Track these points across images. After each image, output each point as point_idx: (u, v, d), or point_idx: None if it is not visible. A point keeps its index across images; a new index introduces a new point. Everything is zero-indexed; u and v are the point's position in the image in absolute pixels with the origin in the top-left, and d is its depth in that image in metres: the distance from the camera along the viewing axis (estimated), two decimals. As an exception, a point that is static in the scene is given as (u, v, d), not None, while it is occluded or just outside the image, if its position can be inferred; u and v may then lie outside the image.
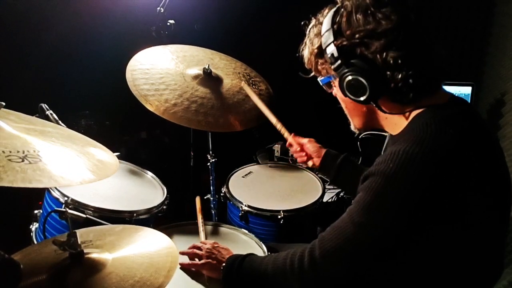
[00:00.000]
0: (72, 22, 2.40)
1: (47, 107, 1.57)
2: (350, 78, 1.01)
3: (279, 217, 1.73)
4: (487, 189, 0.99)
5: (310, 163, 1.59)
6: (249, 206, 1.77)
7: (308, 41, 1.12)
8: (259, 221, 1.77)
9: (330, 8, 1.07)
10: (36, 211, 1.60)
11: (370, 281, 1.06)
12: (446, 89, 1.09)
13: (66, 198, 1.44)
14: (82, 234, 1.18)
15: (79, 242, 1.08)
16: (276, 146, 2.70)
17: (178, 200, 2.38)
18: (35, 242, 1.55)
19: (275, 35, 2.77)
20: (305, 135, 1.65)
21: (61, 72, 2.49)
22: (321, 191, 1.91)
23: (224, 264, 1.30)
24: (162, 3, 2.05)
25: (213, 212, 2.04)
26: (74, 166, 1.01)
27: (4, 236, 1.47)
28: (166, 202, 1.69)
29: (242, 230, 1.67)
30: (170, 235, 1.31)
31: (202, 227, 1.61)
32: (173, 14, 2.12)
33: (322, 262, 1.04)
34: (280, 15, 2.74)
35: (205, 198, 2.06)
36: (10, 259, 0.95)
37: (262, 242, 1.56)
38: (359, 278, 1.05)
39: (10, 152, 0.89)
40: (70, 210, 1.38)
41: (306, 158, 1.60)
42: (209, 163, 2.00)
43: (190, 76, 1.79)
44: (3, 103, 1.03)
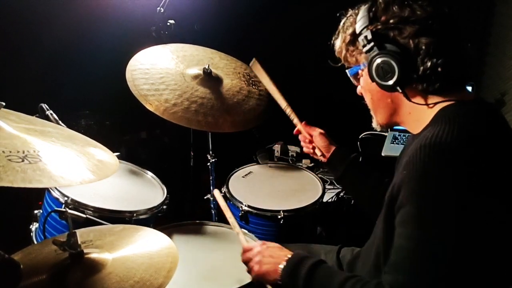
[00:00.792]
0: (72, 22, 2.40)
1: (47, 107, 1.57)
2: (380, 60, 1.01)
3: (279, 217, 1.73)
4: None
5: (319, 153, 1.53)
6: (249, 206, 1.77)
7: (342, 30, 1.14)
8: (259, 221, 1.77)
9: (365, 3, 1.10)
10: (36, 211, 1.60)
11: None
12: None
13: (66, 198, 1.44)
14: (82, 234, 1.18)
15: (79, 242, 1.08)
16: (276, 146, 2.70)
17: (178, 200, 2.39)
18: (35, 242, 1.55)
19: (275, 35, 2.77)
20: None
21: (61, 72, 2.49)
22: (321, 191, 1.91)
23: (285, 264, 1.15)
24: (162, 3, 2.05)
25: (213, 212, 2.04)
26: (74, 166, 1.00)
27: (4, 236, 1.47)
28: (166, 202, 1.69)
29: (242, 230, 1.67)
30: (170, 235, 1.32)
31: (237, 229, 1.41)
32: (173, 14, 2.11)
33: None
34: (280, 15, 2.74)
35: (205, 198, 2.06)
36: (10, 259, 0.95)
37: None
38: None
39: (10, 152, 0.89)
40: (70, 210, 1.38)
41: (312, 149, 1.55)
42: (209, 163, 2.00)
43: (190, 76, 1.79)
44: (3, 103, 1.03)
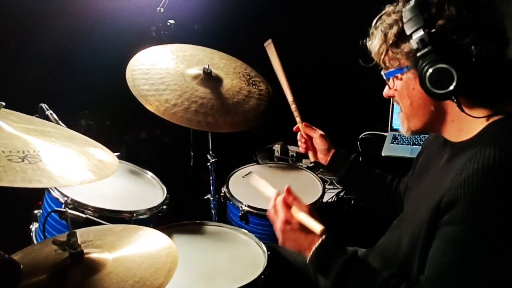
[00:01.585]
0: (72, 22, 2.40)
1: (47, 107, 1.57)
2: (437, 66, 0.92)
3: (279, 217, 1.72)
4: None
5: (311, 157, 1.54)
6: (249, 206, 1.77)
7: (380, 29, 1.04)
8: (259, 221, 1.77)
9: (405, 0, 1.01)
10: (36, 211, 1.60)
11: None
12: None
13: (66, 198, 1.44)
14: (82, 234, 1.18)
15: (79, 242, 1.08)
16: (276, 146, 2.70)
17: (178, 200, 2.39)
18: (35, 242, 1.55)
19: (275, 35, 2.77)
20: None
21: (61, 72, 2.49)
22: (321, 191, 1.91)
23: (319, 245, 1.09)
24: (162, 3, 2.05)
25: (213, 212, 2.04)
26: (74, 166, 1.00)
27: (4, 236, 1.47)
28: (166, 202, 1.68)
29: (242, 230, 1.67)
30: (170, 235, 1.31)
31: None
32: (173, 14, 2.12)
33: None
34: (280, 15, 2.73)
35: (205, 198, 2.06)
36: (10, 259, 0.95)
37: (262, 242, 1.56)
38: None
39: (10, 152, 0.89)
40: (70, 210, 1.38)
41: (305, 150, 1.56)
42: (209, 163, 2.00)
43: (190, 76, 1.79)
44: (3, 103, 1.03)
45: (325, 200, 2.00)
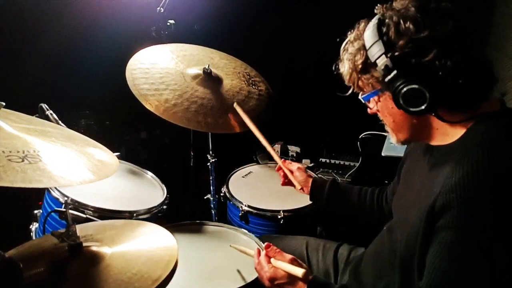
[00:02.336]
0: (72, 22, 2.40)
1: (47, 107, 1.57)
2: (407, 88, 0.95)
3: (279, 217, 1.73)
4: None
5: (298, 186, 1.64)
6: (249, 206, 1.77)
7: (347, 57, 1.07)
8: (259, 221, 1.77)
9: (366, 22, 1.04)
10: (36, 211, 1.61)
11: None
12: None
13: (66, 198, 1.44)
14: (82, 229, 1.18)
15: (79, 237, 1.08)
16: (276, 146, 2.69)
17: (178, 200, 2.39)
18: (35, 242, 1.55)
19: (275, 35, 2.77)
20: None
21: (61, 72, 2.49)
22: (321, 191, 1.91)
23: None
24: (162, 3, 2.05)
25: (213, 212, 2.04)
26: (74, 166, 1.01)
27: (4, 236, 1.47)
28: (166, 202, 1.69)
29: (242, 230, 1.67)
30: (170, 235, 1.31)
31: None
32: (173, 14, 2.11)
33: None
34: (280, 15, 2.74)
35: (205, 198, 2.06)
36: (10, 259, 0.95)
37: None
38: None
39: (10, 152, 0.89)
40: (70, 210, 1.38)
41: (283, 183, 1.70)
42: (209, 163, 2.00)
43: (190, 76, 1.79)
44: (3, 103, 1.03)
45: (325, 200, 2.00)
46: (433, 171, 1.04)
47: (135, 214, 1.53)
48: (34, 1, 2.30)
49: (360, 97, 1.12)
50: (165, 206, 1.67)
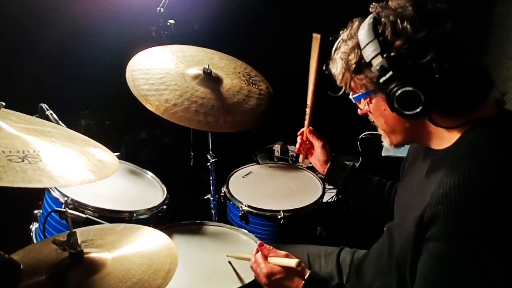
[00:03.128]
0: (72, 22, 2.41)
1: (47, 107, 1.57)
2: (402, 90, 0.93)
3: (279, 217, 1.73)
4: None
5: (300, 159, 1.57)
6: (249, 206, 1.77)
7: (340, 56, 1.05)
8: (259, 221, 1.77)
9: (360, 20, 1.02)
10: (36, 211, 1.60)
11: None
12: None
13: (66, 198, 1.44)
14: (83, 233, 1.18)
15: (80, 241, 1.08)
16: (276, 146, 2.69)
17: (178, 200, 2.39)
18: (35, 242, 1.55)
19: (275, 35, 2.77)
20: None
21: (61, 72, 2.49)
22: (321, 191, 1.91)
23: (304, 285, 1.15)
24: (162, 3, 2.05)
25: (213, 212, 2.04)
26: (74, 166, 1.00)
27: (4, 236, 1.47)
28: (166, 202, 1.69)
29: (242, 230, 1.67)
30: (170, 235, 1.31)
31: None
32: (173, 14, 2.11)
33: None
34: (280, 15, 2.74)
35: (205, 198, 2.06)
36: (10, 259, 0.95)
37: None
38: None
39: (10, 152, 0.89)
40: (70, 210, 1.38)
41: (298, 150, 1.58)
42: (209, 163, 2.00)
43: (190, 76, 1.79)
44: (3, 103, 1.03)
45: (325, 200, 2.00)
46: (428, 176, 1.03)
47: (135, 214, 1.53)
48: (34, 1, 2.31)
49: (351, 97, 1.10)
50: (165, 206, 1.67)
